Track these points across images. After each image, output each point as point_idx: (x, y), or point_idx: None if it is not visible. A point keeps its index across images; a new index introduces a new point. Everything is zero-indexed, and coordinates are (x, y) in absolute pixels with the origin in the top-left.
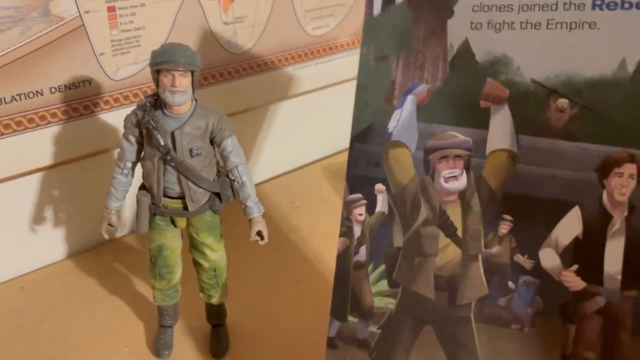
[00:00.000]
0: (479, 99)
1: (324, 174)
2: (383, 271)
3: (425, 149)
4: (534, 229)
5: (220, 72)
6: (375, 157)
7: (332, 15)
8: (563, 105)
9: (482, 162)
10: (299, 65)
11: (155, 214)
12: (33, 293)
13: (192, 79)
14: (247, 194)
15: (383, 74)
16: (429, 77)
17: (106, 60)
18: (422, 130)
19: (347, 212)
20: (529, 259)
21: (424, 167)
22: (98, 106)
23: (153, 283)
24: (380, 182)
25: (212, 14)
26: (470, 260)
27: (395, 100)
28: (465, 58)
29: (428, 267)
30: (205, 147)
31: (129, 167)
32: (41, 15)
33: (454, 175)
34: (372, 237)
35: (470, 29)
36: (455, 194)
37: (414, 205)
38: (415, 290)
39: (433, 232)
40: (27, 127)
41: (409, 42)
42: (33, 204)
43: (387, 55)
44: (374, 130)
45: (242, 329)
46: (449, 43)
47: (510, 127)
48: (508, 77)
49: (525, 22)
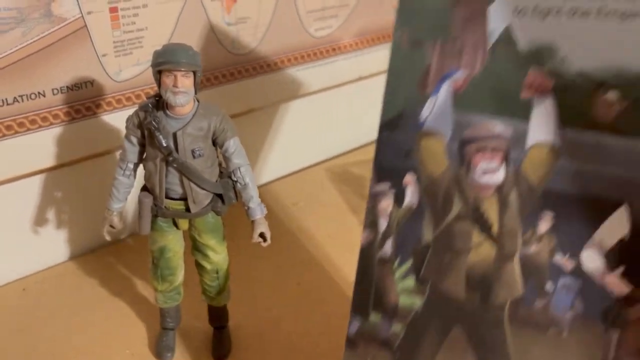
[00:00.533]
0: (520, 89)
1: (327, 175)
2: (410, 267)
3: (461, 140)
4: (576, 228)
5: (223, 73)
6: (406, 146)
7: (335, 16)
8: (612, 99)
9: (521, 156)
10: (302, 66)
11: (157, 215)
12: (35, 295)
13: (194, 80)
14: (249, 196)
15: (417, 60)
16: (467, 64)
17: (108, 61)
18: (458, 120)
19: (372, 204)
20: (570, 260)
21: (458, 159)
22: (100, 107)
23: (155, 285)
24: (410, 173)
25: (215, 14)
26: (506, 259)
27: (429, 87)
28: (507, 45)
29: (460, 265)
30: (208, 148)
31: (131, 169)
32: (43, 16)
33: (491, 169)
34: (399, 230)
35: (514, 14)
36: (492, 189)
37: (446, 199)
38: (444, 289)
39: (466, 228)
40: (29, 129)
41: (446, 26)
42: (35, 205)
43: (422, 39)
44: (405, 118)
45: (244, 331)
46: (490, 29)
47: (554, 119)
48: (553, 66)
49: (573, 9)
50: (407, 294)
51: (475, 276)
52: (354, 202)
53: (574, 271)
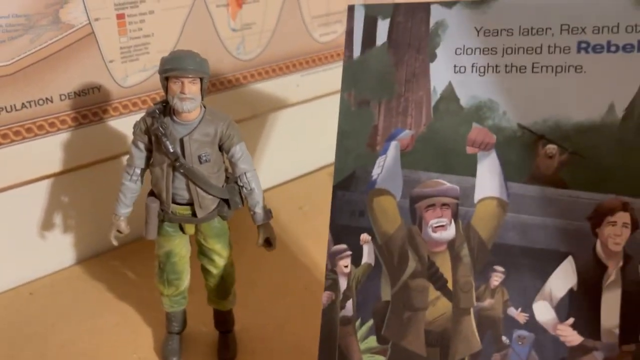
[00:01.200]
0: (465, 145)
1: (331, 180)
2: (371, 326)
3: (411, 197)
4: (527, 280)
5: (229, 79)
6: (359, 205)
7: (340, 21)
8: (552, 151)
9: (470, 211)
10: (307, 71)
11: (164, 220)
12: (42, 299)
13: (201, 86)
14: (255, 201)
15: (365, 119)
16: (412, 123)
17: (115, 67)
18: (407, 178)
19: (331, 264)
20: (523, 312)
21: (410, 216)
22: (107, 113)
23: (161, 289)
24: (366, 232)
25: (221, 21)
26: (462, 314)
27: (378, 147)
28: (449, 102)
29: (418, 322)
30: (214, 154)
31: (138, 174)
32: (51, 23)
33: (442, 225)
34: (358, 290)
35: (454, 72)
36: (444, 244)
37: (402, 256)
38: (405, 347)
39: (422, 284)
40: (36, 134)
41: (390, 85)
42: (42, 210)
43: (368, 99)
44: (357, 178)
45: (250, 336)
46: (432, 87)
47: (499, 174)
48: (494, 122)
49: (510, 66)
50: (371, 353)
51: (434, 333)
52: None
53: (527, 323)
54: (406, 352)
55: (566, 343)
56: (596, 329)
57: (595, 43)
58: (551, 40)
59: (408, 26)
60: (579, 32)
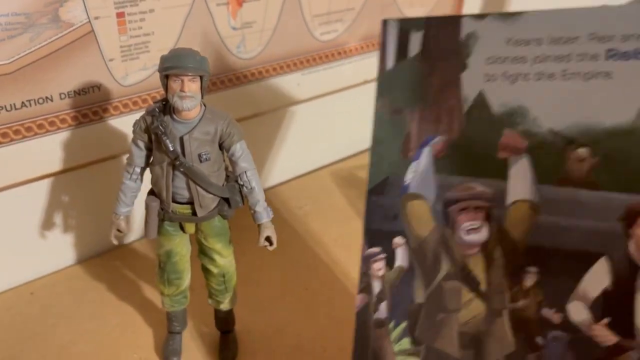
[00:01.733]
0: (496, 150)
1: (332, 179)
2: (405, 329)
3: (444, 201)
4: (560, 281)
5: (229, 78)
6: (393, 209)
7: (341, 20)
8: (582, 155)
9: (503, 214)
10: (308, 70)
11: (164, 219)
12: (42, 299)
13: (201, 84)
14: (256, 199)
15: (398, 127)
16: (445, 129)
17: (115, 66)
18: (440, 182)
19: (365, 267)
20: (557, 313)
21: (443, 220)
22: (107, 112)
23: (162, 289)
24: (399, 236)
25: (221, 19)
26: (495, 315)
27: (411, 153)
28: (481, 109)
29: (452, 324)
30: (214, 152)
31: (138, 173)
32: (51, 21)
33: (475, 227)
34: (392, 293)
35: (485, 80)
36: (477, 247)
37: (435, 259)
38: (439, 348)
39: (455, 286)
40: (36, 133)
41: (423, 94)
42: (42, 209)
43: (402, 108)
44: (391, 183)
45: (251, 336)
46: (464, 95)
47: (530, 177)
48: (525, 127)
49: (539, 73)
50: (404, 355)
51: (467, 334)
52: (359, 206)
53: (562, 324)
54: (440, 354)
55: (601, 343)
56: (631, 328)
57: (624, 50)
58: (580, 49)
59: (440, 38)
60: (607, 41)
